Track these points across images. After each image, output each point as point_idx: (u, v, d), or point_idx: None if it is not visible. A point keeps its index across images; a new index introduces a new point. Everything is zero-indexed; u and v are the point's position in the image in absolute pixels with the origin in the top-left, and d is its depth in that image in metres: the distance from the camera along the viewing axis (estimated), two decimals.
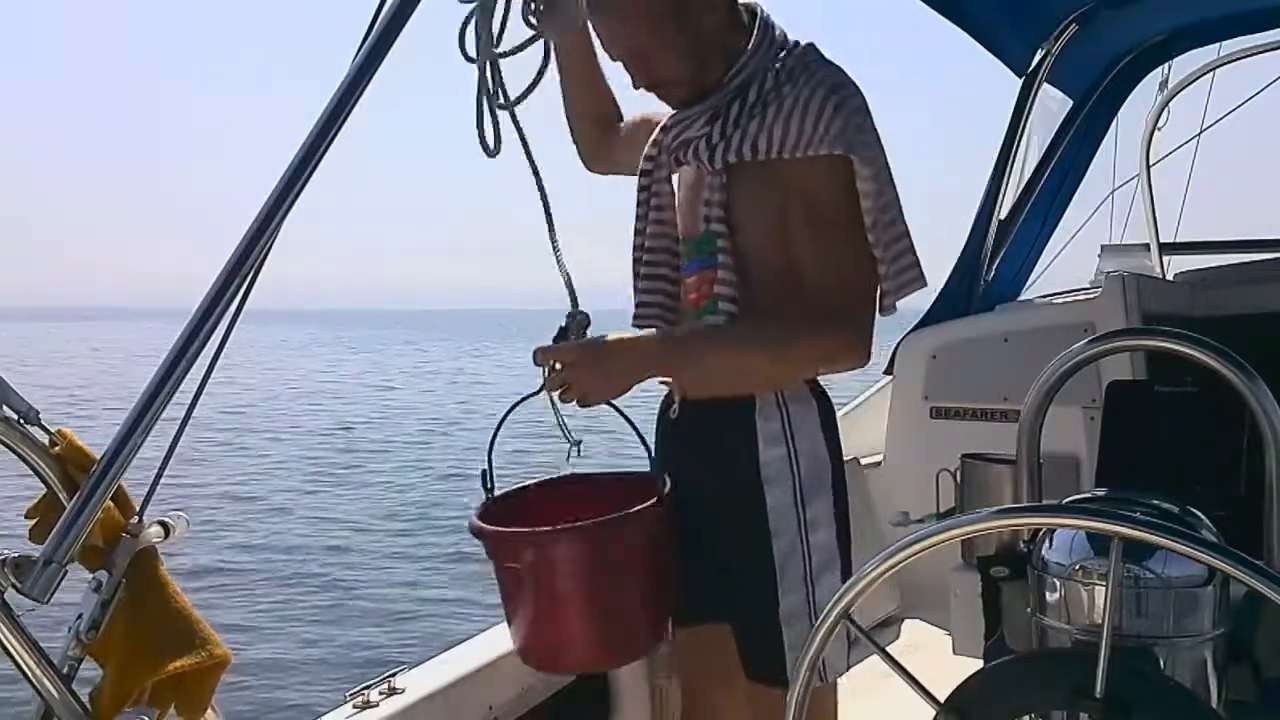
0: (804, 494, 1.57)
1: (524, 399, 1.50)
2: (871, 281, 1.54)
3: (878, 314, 1.56)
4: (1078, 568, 1.20)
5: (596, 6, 1.53)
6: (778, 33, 1.58)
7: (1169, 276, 3.88)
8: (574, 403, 1.45)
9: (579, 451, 1.56)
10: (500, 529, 1.49)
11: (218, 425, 17.29)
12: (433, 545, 9.64)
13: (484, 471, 1.57)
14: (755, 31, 1.57)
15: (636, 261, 1.68)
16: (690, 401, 1.65)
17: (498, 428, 1.53)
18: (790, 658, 1.54)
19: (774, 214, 1.53)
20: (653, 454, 1.58)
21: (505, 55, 1.41)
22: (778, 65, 1.54)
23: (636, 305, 1.67)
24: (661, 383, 1.69)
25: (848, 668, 1.64)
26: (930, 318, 3.40)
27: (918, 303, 3.48)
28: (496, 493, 1.61)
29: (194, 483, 11.97)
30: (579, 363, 1.45)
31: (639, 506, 1.47)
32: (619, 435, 1.53)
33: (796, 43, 1.58)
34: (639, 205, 1.68)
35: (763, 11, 1.60)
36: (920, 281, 1.58)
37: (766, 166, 1.51)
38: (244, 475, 13.54)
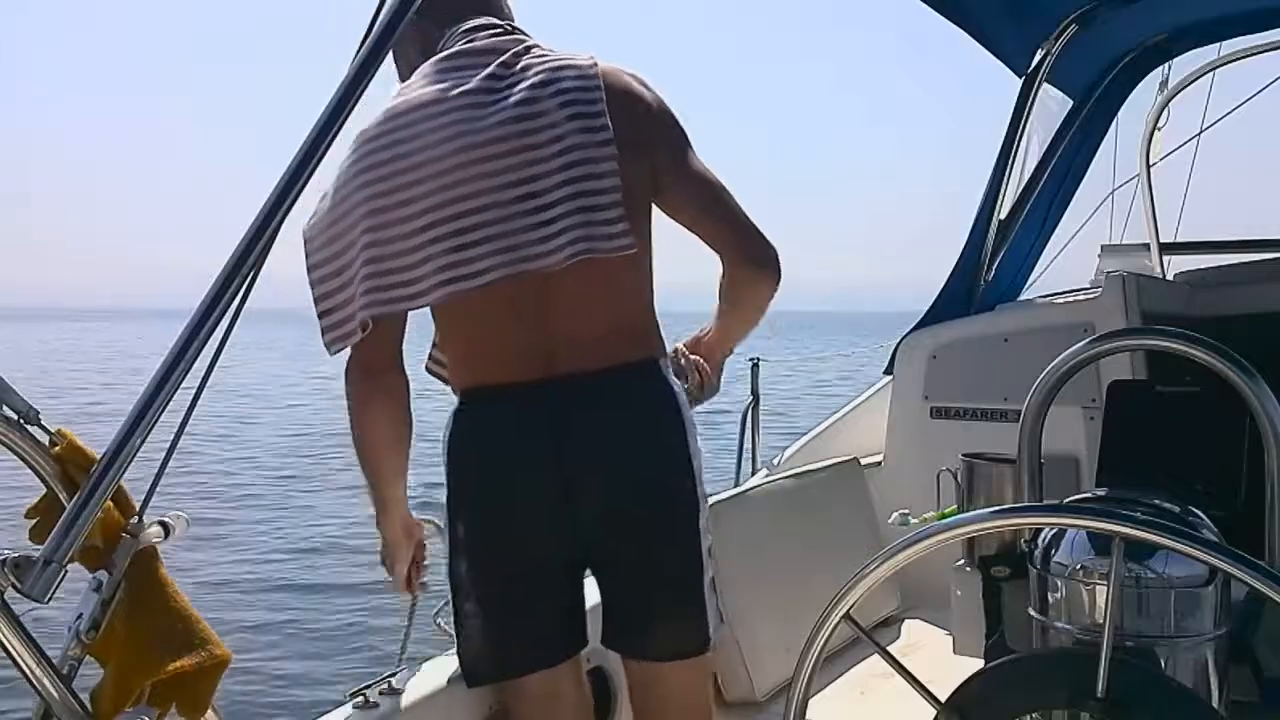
0: None
1: None
2: None
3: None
4: (1079, 567, 1.20)
5: None
6: None
7: (1169, 276, 3.88)
8: None
9: None
10: None
11: (218, 426, 17.26)
12: (434, 544, 9.60)
13: None
14: None
15: None
16: None
17: None
18: None
19: None
20: None
21: None
22: None
23: None
24: None
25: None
26: (930, 318, 3.39)
27: (917, 303, 3.49)
28: None
29: (194, 482, 11.96)
30: None
31: None
32: None
33: None
34: None
35: None
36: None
37: None
38: (244, 475, 13.53)
